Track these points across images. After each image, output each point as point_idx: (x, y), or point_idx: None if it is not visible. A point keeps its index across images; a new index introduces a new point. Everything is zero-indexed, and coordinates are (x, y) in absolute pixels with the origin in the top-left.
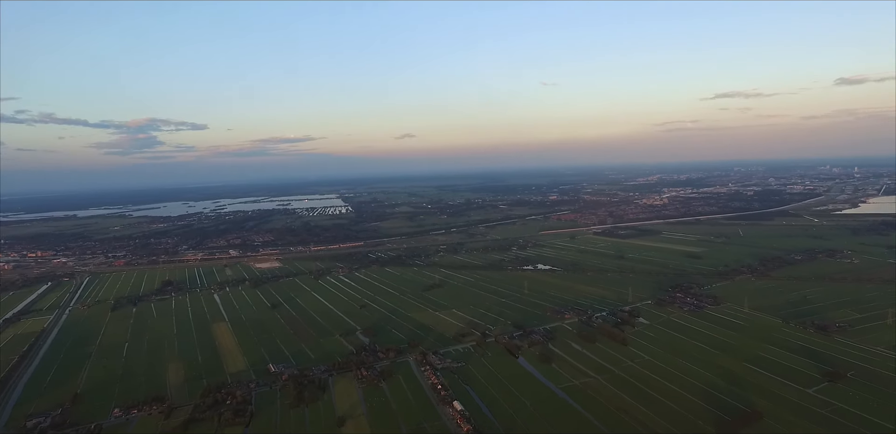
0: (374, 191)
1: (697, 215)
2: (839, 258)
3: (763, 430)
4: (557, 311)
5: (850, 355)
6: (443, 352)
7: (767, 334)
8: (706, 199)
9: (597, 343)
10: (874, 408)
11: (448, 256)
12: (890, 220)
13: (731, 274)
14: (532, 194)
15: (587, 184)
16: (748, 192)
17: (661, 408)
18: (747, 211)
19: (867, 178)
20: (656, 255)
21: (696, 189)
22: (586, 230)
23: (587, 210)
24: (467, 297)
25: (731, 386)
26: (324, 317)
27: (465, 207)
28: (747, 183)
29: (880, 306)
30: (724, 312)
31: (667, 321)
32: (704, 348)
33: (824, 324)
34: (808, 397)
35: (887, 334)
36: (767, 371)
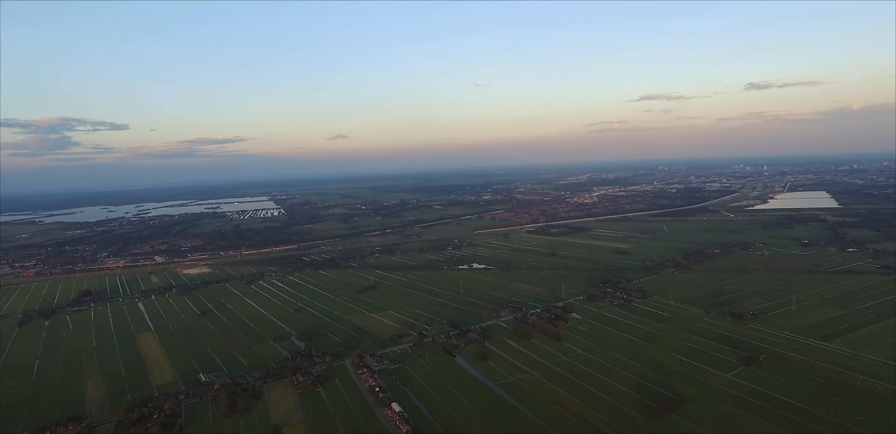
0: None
1: (625, 213)
2: (752, 250)
3: (686, 414)
4: (493, 309)
5: (762, 340)
6: (380, 354)
7: (691, 324)
8: (633, 197)
9: (532, 339)
10: (781, 386)
11: (383, 258)
12: (794, 215)
13: (657, 268)
14: (466, 194)
15: (520, 183)
16: (672, 190)
17: (594, 399)
18: (671, 208)
19: (774, 175)
20: (587, 251)
21: (623, 187)
22: (520, 229)
23: (520, 209)
24: (403, 298)
25: (658, 375)
26: (257, 322)
27: (400, 208)
28: (671, 181)
29: (786, 294)
30: (651, 305)
31: (598, 316)
32: (634, 340)
33: (740, 312)
34: (727, 381)
35: (792, 319)
36: (691, 359)
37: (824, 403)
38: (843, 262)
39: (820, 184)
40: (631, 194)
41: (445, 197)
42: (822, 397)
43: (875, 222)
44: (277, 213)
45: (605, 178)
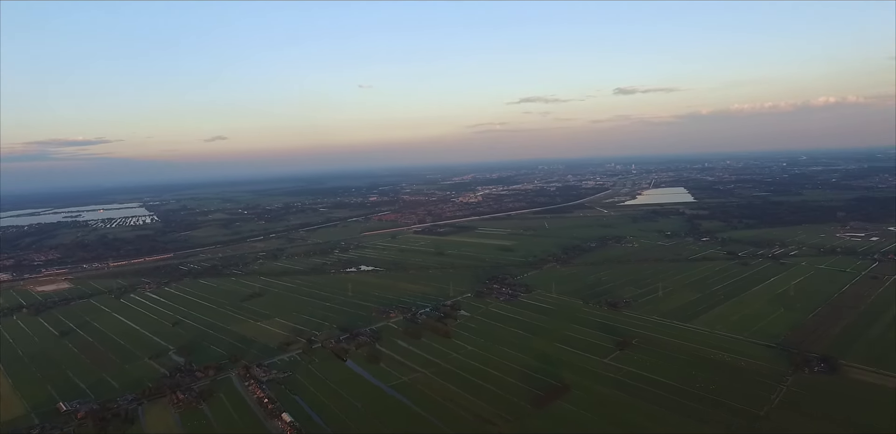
0: (183, 198)
1: (509, 211)
2: (624, 243)
3: (571, 400)
4: (383, 310)
5: (634, 325)
6: (267, 363)
7: (572, 315)
8: (515, 196)
9: (422, 338)
10: (652, 366)
11: (268, 263)
12: (658, 209)
13: (539, 263)
14: (352, 196)
15: (406, 184)
16: (551, 188)
17: (485, 392)
18: (551, 205)
19: (641, 173)
20: (473, 249)
21: (506, 186)
22: (407, 229)
23: (407, 210)
24: (290, 304)
25: (544, 365)
26: (129, 340)
27: (284, 212)
28: (550, 180)
29: (654, 282)
30: (535, 299)
31: (486, 311)
32: (520, 333)
33: (614, 301)
34: (605, 365)
35: (659, 305)
36: (573, 348)
37: (687, 378)
38: (699, 250)
39: (679, 181)
40: (513, 193)
41: (331, 199)
42: (685, 372)
43: (722, 214)
44: (150, 221)
45: (488, 177)
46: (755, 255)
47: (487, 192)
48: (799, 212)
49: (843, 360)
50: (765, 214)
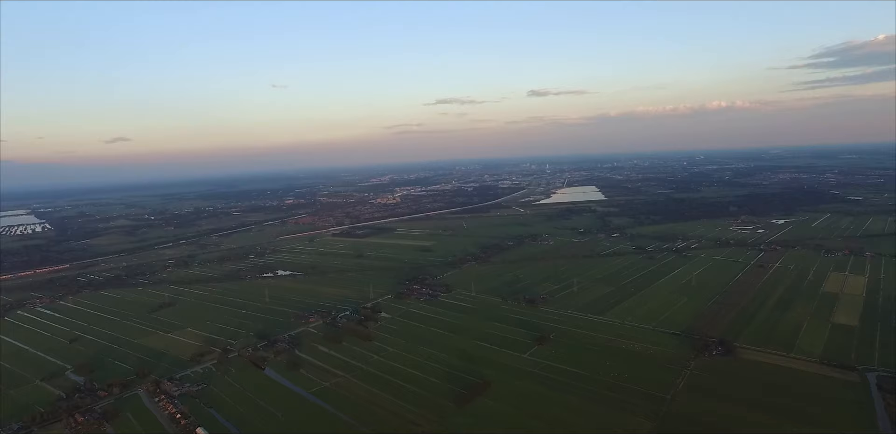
0: (80, 204)
1: (427, 211)
2: (540, 241)
3: (492, 395)
4: (302, 315)
5: (551, 320)
6: (179, 376)
7: (491, 313)
8: (434, 196)
9: (343, 342)
10: (568, 359)
11: (178, 271)
12: (572, 207)
13: (458, 263)
14: (268, 199)
15: (323, 186)
16: (469, 189)
17: (407, 393)
18: (469, 205)
19: (555, 173)
20: (393, 251)
21: (425, 187)
22: (325, 232)
23: (325, 212)
24: (204, 313)
25: (465, 363)
26: (16, 361)
27: (195, 216)
28: (468, 180)
29: (569, 277)
30: (455, 298)
31: (406, 312)
32: (441, 333)
33: (532, 297)
34: (524, 361)
35: (574, 299)
36: (493, 345)
37: (601, 367)
38: (610, 246)
39: (590, 179)
40: (432, 194)
41: (245, 203)
42: (599, 363)
43: (631, 211)
44: (41, 229)
45: (406, 178)
46: (661, 249)
47: (406, 193)
48: (698, 207)
49: (737, 342)
50: (668, 211)
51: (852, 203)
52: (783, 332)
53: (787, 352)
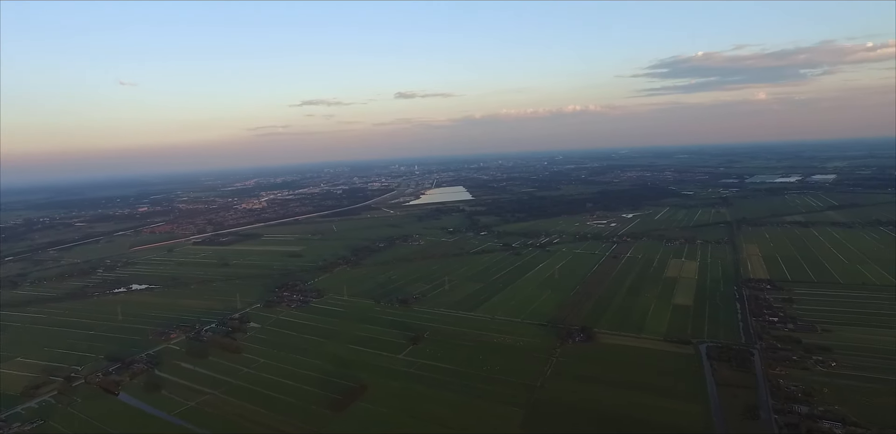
0: None
1: (296, 216)
2: (411, 242)
3: (369, 399)
4: (161, 332)
5: (425, 319)
6: (7, 416)
7: (365, 316)
8: (302, 200)
9: (210, 357)
10: (443, 356)
11: (5, 293)
12: (441, 207)
13: (330, 267)
14: (117, 207)
15: (182, 192)
16: (338, 191)
17: (282, 404)
18: (339, 208)
19: (424, 174)
20: (260, 258)
21: (292, 191)
22: (185, 241)
23: (184, 219)
24: (40, 339)
25: (340, 368)
26: None
27: (26, 229)
28: (336, 183)
29: (441, 276)
30: (327, 303)
31: (277, 321)
32: (314, 339)
33: (405, 298)
34: (400, 361)
35: (446, 297)
36: (368, 347)
37: (474, 362)
38: (479, 244)
39: (458, 180)
40: (300, 197)
41: (91, 212)
42: (472, 358)
43: (497, 209)
44: None
45: (273, 182)
46: (526, 245)
47: (272, 197)
48: (558, 205)
49: (597, 328)
50: (532, 208)
51: (686, 197)
52: (634, 315)
53: (638, 333)
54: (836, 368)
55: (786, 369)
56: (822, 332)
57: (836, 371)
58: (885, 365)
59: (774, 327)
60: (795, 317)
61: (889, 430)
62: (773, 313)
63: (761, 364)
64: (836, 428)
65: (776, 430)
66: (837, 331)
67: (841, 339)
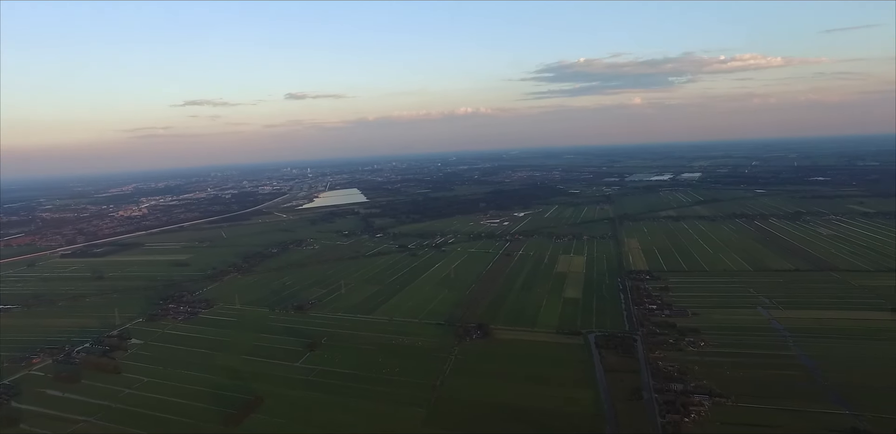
0: None
1: (181, 222)
2: (305, 246)
3: (265, 411)
4: (21, 358)
5: (322, 325)
6: None
7: (259, 324)
8: (187, 206)
9: (83, 381)
10: (342, 361)
11: None
12: (335, 210)
13: (219, 275)
14: None
15: (45, 199)
16: (226, 196)
17: (169, 425)
18: (227, 213)
19: (317, 177)
20: (142, 269)
21: (176, 196)
22: (51, 253)
23: (49, 230)
24: None
25: (233, 381)
26: None
27: None
28: (225, 187)
29: (337, 280)
30: (218, 313)
31: (162, 335)
32: (204, 352)
33: (301, 304)
34: (298, 369)
35: (343, 301)
36: (263, 357)
37: (374, 365)
38: (375, 246)
39: (352, 182)
40: (185, 203)
41: None
42: (372, 361)
43: (392, 211)
44: None
45: (154, 187)
46: (422, 246)
47: (154, 203)
48: (453, 205)
49: (493, 325)
50: (427, 209)
51: (573, 196)
52: (528, 310)
53: (532, 327)
54: (704, 347)
55: (664, 352)
56: (692, 316)
57: (704, 350)
58: (742, 341)
59: (653, 314)
60: (671, 303)
61: (744, 397)
62: (652, 301)
63: (643, 349)
64: (705, 400)
65: (656, 407)
66: (705, 313)
67: (708, 320)
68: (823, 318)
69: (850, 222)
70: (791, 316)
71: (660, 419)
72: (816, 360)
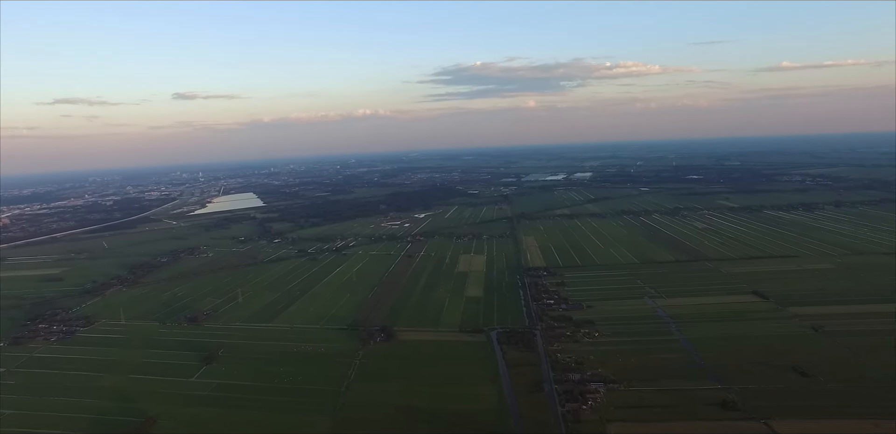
0: None
1: (52, 233)
2: (198, 254)
3: (160, 431)
4: None
5: (219, 336)
6: None
7: (148, 340)
8: (61, 214)
9: None
10: (240, 373)
11: None
12: (230, 216)
13: (101, 289)
14: None
15: None
16: (107, 203)
17: None
18: (109, 221)
19: (210, 181)
20: (5, 286)
21: (46, 204)
22: None
23: None
24: None
25: (120, 404)
26: None
27: None
28: (105, 193)
29: (234, 289)
30: (100, 331)
31: (31, 360)
32: (85, 375)
33: (194, 315)
34: (193, 385)
35: (241, 311)
36: (154, 375)
37: (275, 375)
38: (273, 252)
39: (248, 186)
40: (57, 211)
41: None
42: (273, 371)
43: (291, 215)
44: None
45: (19, 194)
46: (322, 250)
47: (18, 212)
48: (353, 208)
49: (396, 327)
50: (327, 212)
51: (472, 196)
52: (431, 310)
53: (436, 327)
54: (598, 338)
55: (562, 344)
56: (587, 309)
57: (599, 340)
58: (632, 329)
59: (551, 309)
60: (567, 298)
61: (635, 381)
62: (549, 297)
63: (543, 343)
64: (600, 388)
65: (556, 398)
66: (598, 305)
67: (601, 312)
68: (700, 303)
69: (719, 216)
70: (673, 304)
71: (560, 409)
72: (695, 343)
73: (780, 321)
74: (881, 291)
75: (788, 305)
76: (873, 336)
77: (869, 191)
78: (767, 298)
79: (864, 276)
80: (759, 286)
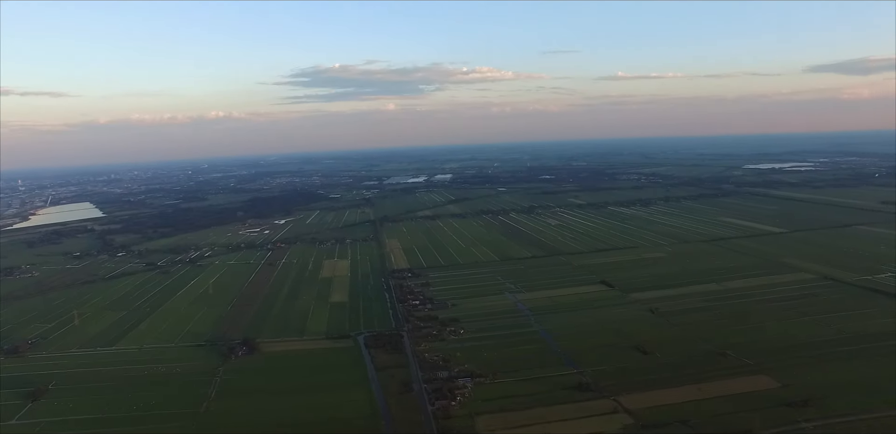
0: None
1: None
2: (19, 275)
3: None
4: None
5: (48, 367)
6: None
7: None
8: None
9: None
10: (77, 407)
11: None
12: (61, 229)
13: None
14: None
15: None
16: None
17: None
18: None
19: (33, 190)
20: None
21: None
22: None
23: None
24: None
25: None
26: None
27: None
28: None
29: (67, 311)
30: None
31: None
32: None
33: (15, 346)
34: (14, 428)
35: (77, 335)
36: None
37: (123, 403)
38: (116, 266)
39: (83, 195)
40: None
41: None
42: (119, 399)
43: (136, 226)
44: None
45: None
46: (174, 262)
47: None
48: (207, 216)
49: (259, 338)
50: (178, 221)
51: (334, 200)
52: (295, 319)
53: (301, 336)
54: (464, 335)
55: (429, 344)
56: (452, 307)
57: (464, 337)
58: (495, 324)
59: (417, 309)
60: (432, 297)
61: (500, 373)
62: (415, 297)
63: (410, 343)
64: (468, 383)
65: (426, 396)
66: (462, 303)
67: (465, 309)
68: (555, 295)
69: (570, 213)
70: (531, 297)
71: (430, 407)
72: (552, 333)
73: (624, 306)
74: (703, 275)
75: (630, 292)
76: (698, 312)
77: (690, 187)
78: (613, 286)
79: (689, 262)
80: (606, 276)
